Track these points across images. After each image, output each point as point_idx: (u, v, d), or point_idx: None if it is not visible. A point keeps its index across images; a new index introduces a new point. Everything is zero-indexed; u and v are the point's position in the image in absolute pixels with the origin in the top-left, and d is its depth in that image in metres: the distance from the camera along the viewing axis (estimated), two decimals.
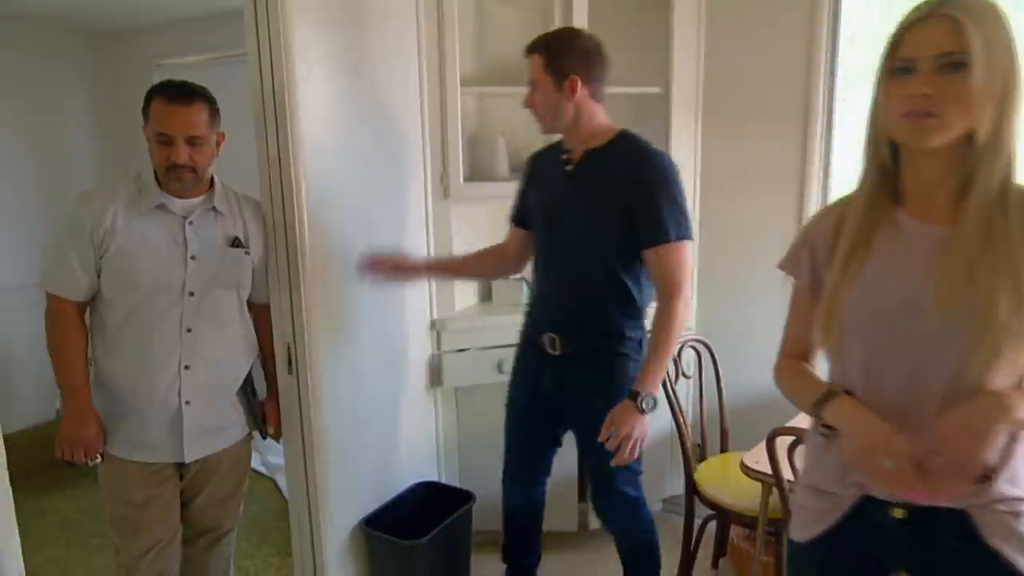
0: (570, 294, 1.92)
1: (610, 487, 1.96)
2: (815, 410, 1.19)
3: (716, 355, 2.48)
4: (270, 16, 1.86)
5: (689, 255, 1.84)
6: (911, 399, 1.11)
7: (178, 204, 1.79)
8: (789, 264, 1.31)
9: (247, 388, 1.96)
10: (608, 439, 1.78)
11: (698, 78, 2.62)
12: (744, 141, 2.62)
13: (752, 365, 2.66)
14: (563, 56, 1.81)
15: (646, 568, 2.07)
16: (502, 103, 2.71)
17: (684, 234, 1.80)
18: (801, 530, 1.27)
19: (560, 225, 1.92)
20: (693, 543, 2.39)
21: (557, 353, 1.93)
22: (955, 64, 1.00)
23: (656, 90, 2.57)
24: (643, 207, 1.78)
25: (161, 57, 3.80)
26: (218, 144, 1.82)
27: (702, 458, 2.46)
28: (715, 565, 2.59)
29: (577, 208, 1.87)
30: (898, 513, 1.14)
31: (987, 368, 1.04)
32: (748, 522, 2.17)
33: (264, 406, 2.04)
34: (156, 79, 3.83)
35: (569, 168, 1.89)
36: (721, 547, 2.59)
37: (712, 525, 2.48)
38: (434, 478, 2.53)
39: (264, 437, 2.09)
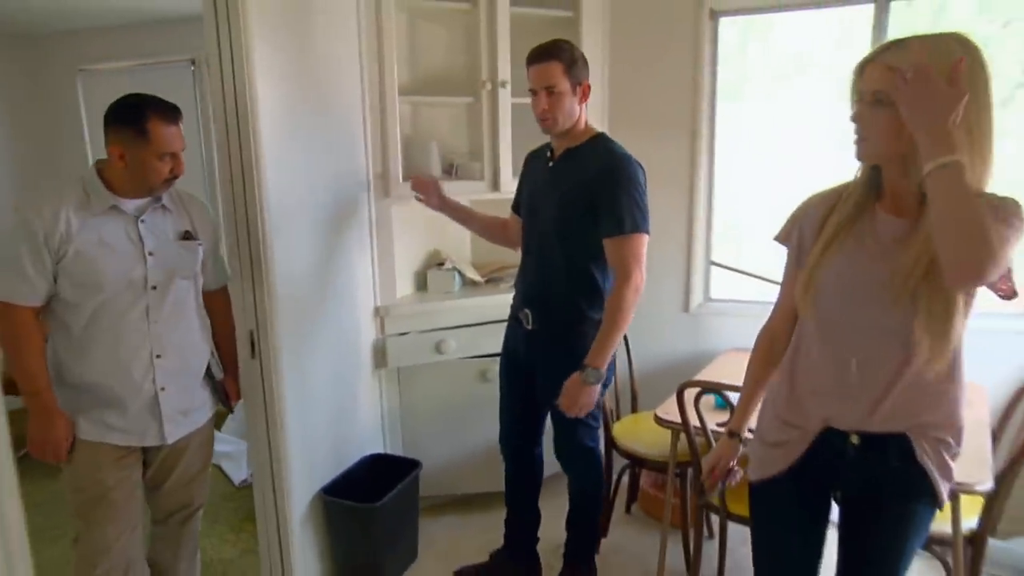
0: (541, 276, 2.06)
1: (570, 439, 2.14)
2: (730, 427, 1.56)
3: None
4: (231, 24, 1.91)
5: (643, 247, 1.91)
6: (856, 355, 1.30)
7: (130, 204, 1.78)
8: (782, 238, 1.45)
9: (209, 371, 2.00)
10: (560, 404, 1.99)
11: (604, 94, 2.88)
12: (643, 143, 2.84)
13: (654, 338, 2.97)
14: (577, 63, 1.94)
15: (591, 507, 2.26)
16: (433, 111, 2.86)
17: (639, 227, 1.89)
18: (762, 467, 1.43)
19: (538, 215, 2.06)
20: (612, 492, 2.64)
21: (530, 327, 2.09)
22: (879, 101, 1.18)
23: None
24: (605, 202, 1.89)
25: (85, 62, 3.68)
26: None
27: (616, 418, 2.71)
28: (628, 510, 2.86)
29: (551, 201, 2.00)
30: (855, 440, 1.31)
31: (922, 340, 1.19)
32: (660, 467, 2.43)
33: (224, 385, 2.08)
34: (80, 84, 3.74)
35: (551, 164, 2.05)
36: (632, 495, 2.87)
37: (625, 477, 2.75)
38: (380, 450, 2.65)
39: (231, 411, 2.14)
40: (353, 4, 2.37)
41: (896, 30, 2.60)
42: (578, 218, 1.95)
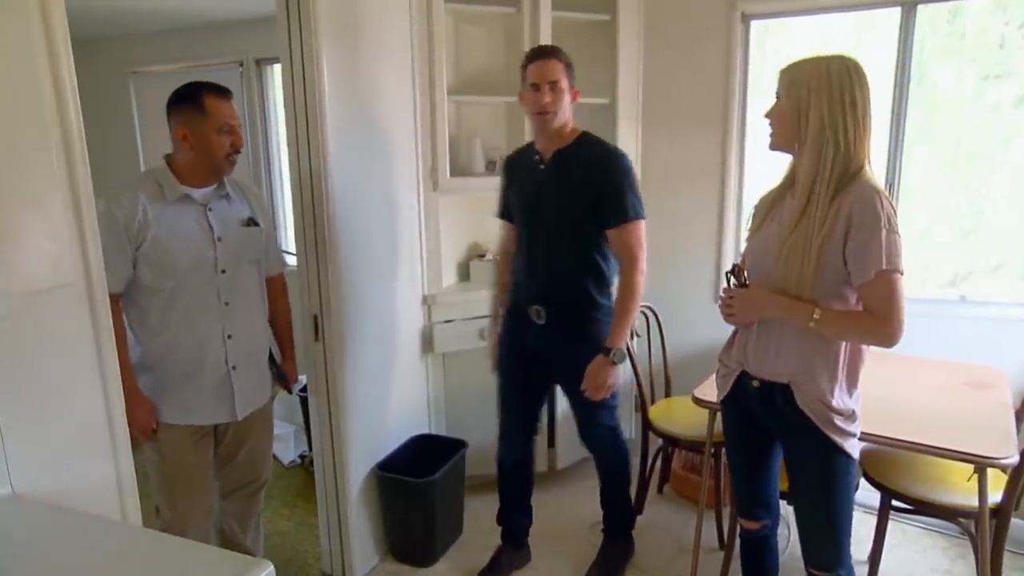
0: (552, 272, 2.12)
1: (594, 421, 2.24)
2: None
3: (660, 318, 2.85)
4: (303, 27, 2.03)
5: (643, 232, 2.06)
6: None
7: (198, 193, 1.87)
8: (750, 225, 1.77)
9: (270, 351, 2.10)
10: (586, 389, 2.08)
11: (638, 91, 2.98)
12: (675, 142, 3.00)
13: (687, 325, 3.07)
14: (572, 67, 2.06)
15: (622, 483, 2.37)
16: (475, 110, 2.97)
17: (640, 214, 2.04)
18: (719, 389, 1.79)
19: (539, 216, 2.13)
20: (648, 472, 2.74)
21: (543, 322, 2.14)
22: (776, 97, 1.55)
23: (605, 101, 2.90)
24: (607, 194, 2.01)
25: (137, 65, 3.81)
26: None
27: (652, 402, 2.81)
28: (660, 491, 2.96)
29: (553, 200, 2.08)
30: (755, 383, 1.66)
31: (799, 290, 1.52)
32: (694, 447, 2.53)
33: (282, 366, 2.17)
34: (131, 86, 3.86)
35: (542, 167, 2.11)
36: (664, 476, 2.97)
37: (658, 460, 2.85)
38: (427, 431, 2.77)
39: (290, 392, 2.24)
40: (406, 10, 2.48)
41: (921, 33, 2.69)
42: (584, 213, 2.05)
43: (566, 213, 2.08)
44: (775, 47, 3.04)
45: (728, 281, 1.66)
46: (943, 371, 2.38)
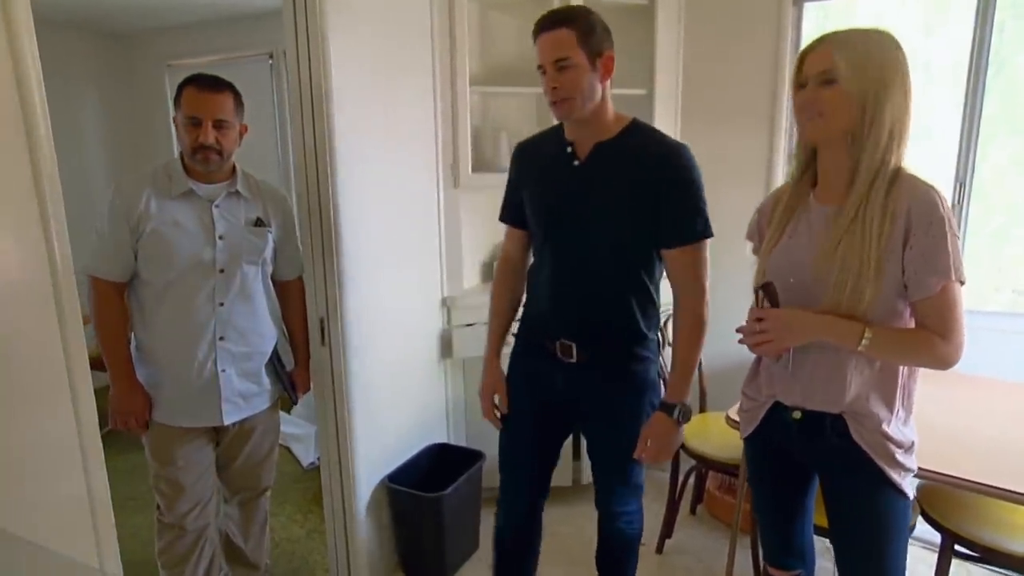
0: (588, 298, 1.62)
1: (627, 482, 1.74)
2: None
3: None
4: (309, 17, 1.88)
5: (708, 252, 1.60)
6: None
7: (204, 189, 1.80)
8: (748, 235, 1.58)
9: (275, 359, 1.98)
10: (642, 453, 1.63)
11: (677, 82, 2.71)
12: (718, 137, 2.73)
13: (726, 336, 2.79)
14: (596, 30, 1.50)
15: (635, 553, 1.85)
16: (502, 101, 2.77)
17: (709, 231, 1.57)
18: (744, 426, 1.56)
19: (571, 225, 1.60)
20: (679, 492, 2.51)
21: (573, 360, 1.63)
22: (828, 80, 1.26)
23: (642, 91, 2.66)
24: (671, 204, 1.53)
25: (172, 58, 3.76)
26: (240, 135, 1.83)
27: None
28: (692, 511, 2.72)
29: (593, 207, 1.57)
30: (796, 415, 1.42)
31: (851, 308, 1.28)
32: (727, 470, 2.29)
33: (293, 375, 2.06)
34: (167, 79, 3.81)
35: (577, 163, 1.59)
36: (698, 496, 2.72)
37: (691, 478, 2.61)
38: (444, 440, 2.59)
39: (295, 403, 2.12)
40: (426, 5, 2.30)
41: (1001, 17, 2.35)
42: (635, 226, 1.56)
43: (611, 224, 1.56)
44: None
45: (759, 301, 1.38)
46: (1017, 395, 2.07)
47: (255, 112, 1.98)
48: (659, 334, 1.71)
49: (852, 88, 1.25)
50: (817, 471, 1.50)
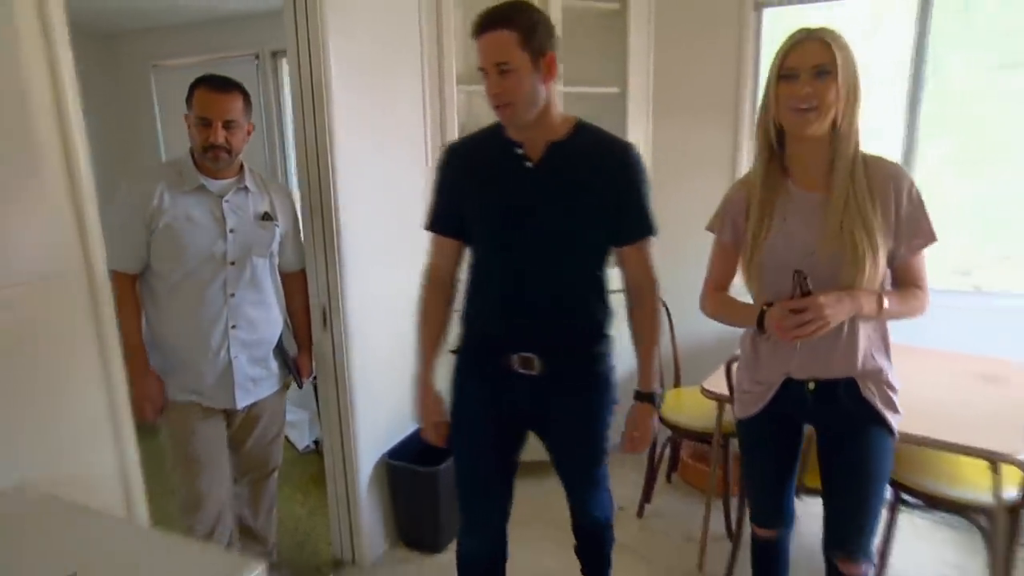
0: (551, 303, 1.54)
1: (599, 486, 1.75)
2: (758, 321, 1.49)
3: (669, 308, 2.76)
4: (309, 18, 1.97)
5: None
6: None
7: (215, 184, 1.86)
8: (716, 225, 1.62)
9: (280, 346, 2.07)
10: (630, 445, 1.63)
11: (648, 81, 2.87)
12: (686, 131, 2.90)
13: (695, 318, 2.97)
14: (537, 29, 1.39)
15: (611, 541, 1.85)
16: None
17: (657, 227, 1.58)
18: (746, 409, 1.64)
19: (533, 228, 1.50)
20: (656, 461, 2.68)
21: (534, 373, 1.54)
22: (824, 72, 1.33)
23: (615, 90, 2.81)
24: (628, 203, 1.52)
25: (157, 58, 3.78)
26: (248, 133, 1.89)
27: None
28: (668, 480, 2.90)
29: (555, 208, 1.49)
30: (811, 386, 1.52)
31: (857, 282, 1.40)
32: (701, 438, 2.46)
33: (297, 360, 2.15)
34: (153, 78, 3.83)
35: (530, 164, 1.49)
36: (673, 465, 2.90)
37: (666, 448, 2.78)
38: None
39: (300, 387, 2.21)
40: (415, 5, 2.41)
41: (940, 18, 2.56)
42: (594, 224, 1.52)
43: (575, 224, 1.50)
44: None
45: (799, 291, 1.40)
46: (956, 364, 2.28)
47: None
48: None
49: (842, 81, 1.34)
50: (822, 431, 1.60)
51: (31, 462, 1.31)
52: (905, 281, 1.48)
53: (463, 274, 1.65)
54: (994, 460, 1.71)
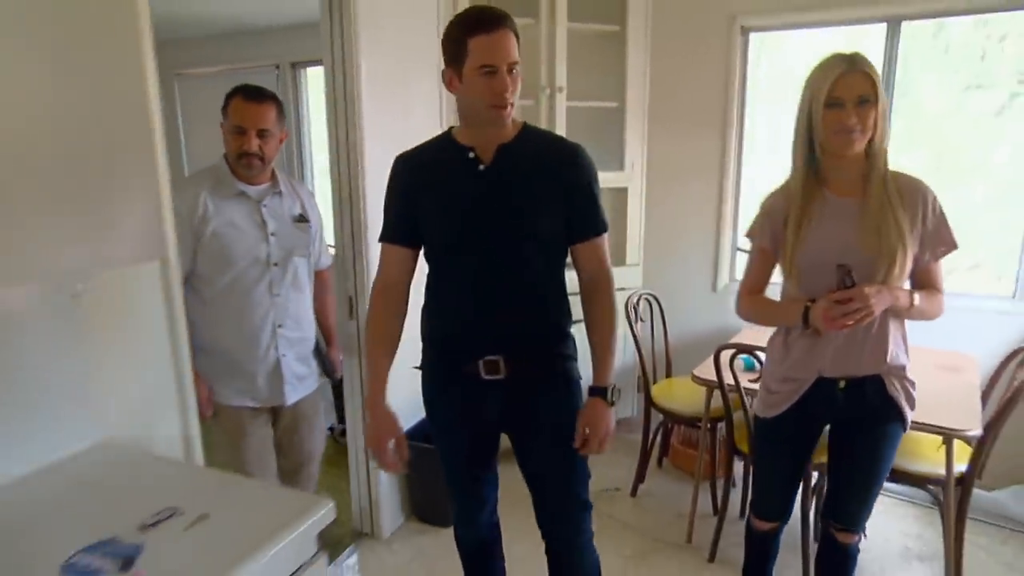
0: (514, 303, 1.52)
1: (579, 499, 1.63)
2: (803, 318, 1.58)
3: (662, 305, 2.99)
4: (344, 34, 2.17)
5: None
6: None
7: (253, 190, 1.91)
8: (756, 232, 1.71)
9: (317, 343, 2.13)
10: (584, 444, 1.54)
11: (645, 95, 3.10)
12: (679, 140, 3.13)
13: (686, 312, 3.21)
14: (518, 36, 1.43)
15: None
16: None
17: (607, 224, 1.58)
18: (771, 409, 1.71)
19: (492, 228, 1.48)
20: (649, 446, 2.89)
21: (500, 376, 1.52)
22: (865, 101, 1.47)
23: (615, 104, 3.03)
24: (581, 200, 1.51)
25: (180, 67, 3.95)
26: (281, 141, 1.93)
27: (653, 382, 2.95)
28: (659, 464, 3.11)
29: (506, 209, 1.48)
30: (841, 384, 1.62)
31: (889, 277, 1.51)
32: (691, 423, 2.67)
33: (329, 355, 2.23)
34: (176, 86, 4.01)
35: (482, 167, 1.48)
36: (664, 450, 3.11)
37: (658, 434, 2.99)
38: None
39: (332, 380, 2.30)
40: (434, 18, 2.62)
41: (907, 47, 2.80)
42: (549, 223, 1.50)
43: (527, 225, 1.48)
44: (770, 58, 3.17)
45: (845, 283, 1.51)
46: (921, 357, 2.47)
47: None
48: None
49: (879, 107, 1.48)
50: (843, 427, 1.69)
51: (113, 423, 1.48)
52: (926, 284, 1.59)
53: (411, 289, 1.61)
54: (947, 436, 1.93)
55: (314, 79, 4.02)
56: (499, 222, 1.48)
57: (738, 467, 2.56)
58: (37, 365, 1.31)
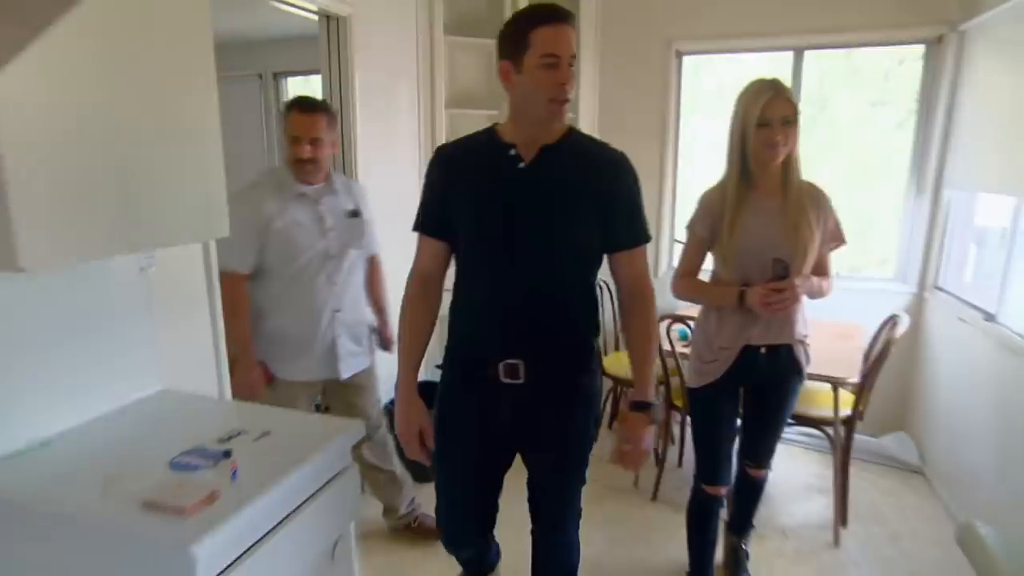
0: (539, 309, 1.47)
1: (574, 508, 1.64)
2: (739, 299, 1.84)
3: (611, 289, 3.40)
4: (341, 51, 2.50)
5: None
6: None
7: (311, 190, 2.07)
8: (696, 223, 1.92)
9: (371, 325, 2.31)
10: (624, 460, 1.53)
11: (595, 109, 3.53)
12: (625, 150, 3.45)
13: None
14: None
15: None
16: (464, 120, 3.48)
17: (650, 235, 1.57)
18: (705, 377, 1.94)
19: (516, 228, 1.44)
20: (601, 409, 3.29)
21: (520, 381, 1.48)
22: (788, 122, 1.75)
23: (571, 115, 3.40)
24: (624, 208, 1.48)
25: None
26: (333, 145, 2.11)
27: (605, 354, 3.37)
28: (610, 426, 3.52)
29: (544, 210, 1.43)
30: (763, 351, 1.90)
31: (804, 266, 1.83)
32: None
33: (382, 332, 2.37)
34: None
35: (522, 165, 1.44)
36: (614, 413, 3.53)
37: (609, 398, 3.41)
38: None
39: (388, 351, 2.39)
40: (414, 40, 2.99)
41: (807, 74, 3.30)
42: (588, 229, 1.46)
43: (559, 228, 1.44)
44: (700, 78, 3.64)
45: (780, 275, 1.80)
46: (822, 327, 2.96)
47: (243, 125, 2.40)
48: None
49: (797, 126, 1.77)
50: (760, 387, 1.98)
51: (167, 377, 1.79)
52: (820, 271, 1.91)
53: (448, 281, 1.59)
54: (834, 383, 2.41)
55: (295, 89, 4.31)
56: (532, 223, 1.44)
57: (675, 429, 2.99)
58: (115, 326, 1.61)
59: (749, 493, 2.23)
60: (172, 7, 1.32)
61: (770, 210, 1.84)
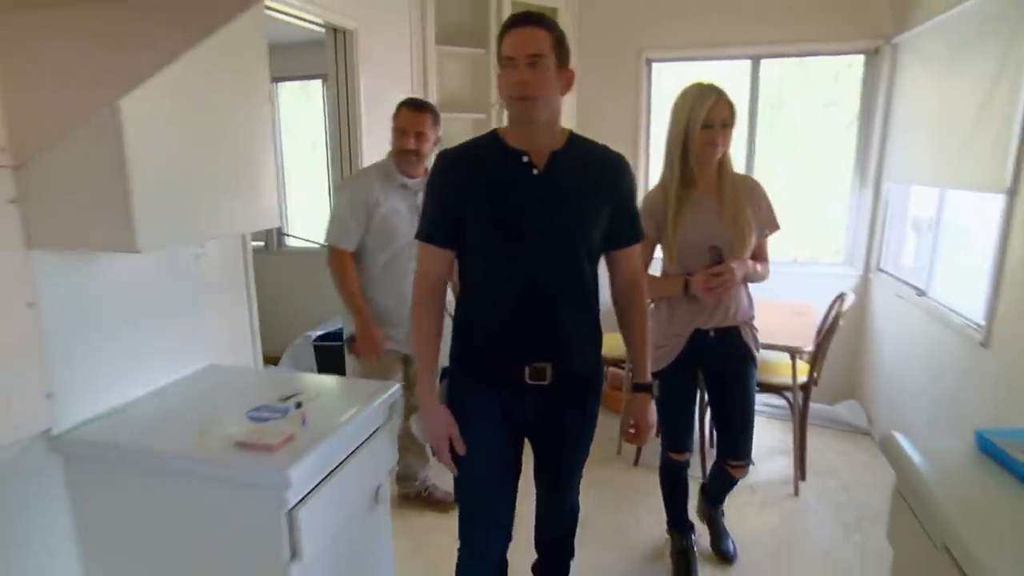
0: (562, 309, 1.49)
1: (574, 492, 1.75)
2: (684, 289, 1.97)
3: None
4: (347, 58, 2.74)
5: None
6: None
7: (411, 182, 2.29)
8: (643, 222, 1.77)
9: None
10: (634, 436, 1.65)
11: (573, 112, 3.80)
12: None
13: (606, 284, 3.92)
14: (564, 42, 1.43)
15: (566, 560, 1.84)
16: (455, 124, 3.73)
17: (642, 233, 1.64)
18: (660, 362, 2.04)
19: (536, 234, 1.46)
20: None
21: (545, 383, 1.50)
22: (726, 124, 1.89)
23: None
24: (624, 208, 1.54)
25: None
26: (435, 143, 2.32)
27: None
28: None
29: (564, 212, 1.46)
30: (712, 333, 2.02)
31: (743, 254, 1.96)
32: (616, 364, 3.39)
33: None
34: None
35: (536, 172, 1.46)
36: None
37: None
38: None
39: None
40: (407, 50, 3.23)
41: (765, 77, 3.66)
42: (596, 229, 1.51)
43: (580, 231, 1.49)
44: (669, 84, 3.96)
45: (716, 261, 1.94)
46: (780, 307, 3.32)
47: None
48: None
49: (734, 128, 1.91)
50: (713, 369, 2.08)
51: (212, 353, 2.01)
52: (758, 257, 2.04)
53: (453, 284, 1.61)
54: (791, 352, 2.74)
55: (285, 93, 4.50)
56: (555, 227, 1.46)
57: None
58: (175, 307, 1.82)
59: (728, 484, 2.30)
60: (242, 51, 1.55)
61: (709, 205, 1.96)
